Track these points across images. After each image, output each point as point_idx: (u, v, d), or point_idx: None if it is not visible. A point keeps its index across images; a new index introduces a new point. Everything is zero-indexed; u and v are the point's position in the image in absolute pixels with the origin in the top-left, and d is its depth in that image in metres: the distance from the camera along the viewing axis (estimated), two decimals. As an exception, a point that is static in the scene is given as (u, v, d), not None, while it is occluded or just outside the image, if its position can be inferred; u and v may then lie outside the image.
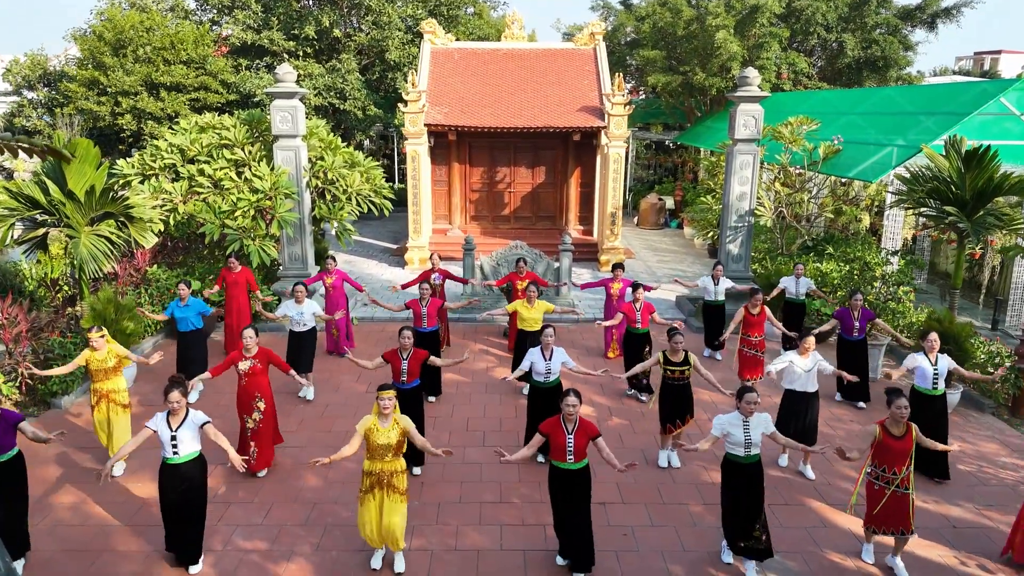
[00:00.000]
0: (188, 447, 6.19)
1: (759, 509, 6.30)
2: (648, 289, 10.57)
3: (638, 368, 8.59)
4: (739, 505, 6.29)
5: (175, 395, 6.11)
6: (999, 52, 57.92)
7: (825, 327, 10.23)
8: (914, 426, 6.37)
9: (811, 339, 8.06)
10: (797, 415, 8.12)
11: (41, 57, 30.36)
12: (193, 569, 6.35)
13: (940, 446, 6.58)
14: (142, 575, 6.32)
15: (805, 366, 8.01)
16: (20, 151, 6.46)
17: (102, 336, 7.86)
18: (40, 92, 29.19)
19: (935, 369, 8.02)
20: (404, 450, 6.29)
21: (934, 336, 8.06)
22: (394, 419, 6.18)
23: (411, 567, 6.46)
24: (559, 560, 6.48)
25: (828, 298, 11.86)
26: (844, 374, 8.31)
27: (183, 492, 6.20)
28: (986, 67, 55.68)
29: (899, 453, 6.28)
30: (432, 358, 8.08)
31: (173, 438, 6.11)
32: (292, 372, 8.12)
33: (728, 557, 6.59)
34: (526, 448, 6.34)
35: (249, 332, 7.87)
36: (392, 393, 6.16)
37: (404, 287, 12.36)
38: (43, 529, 6.91)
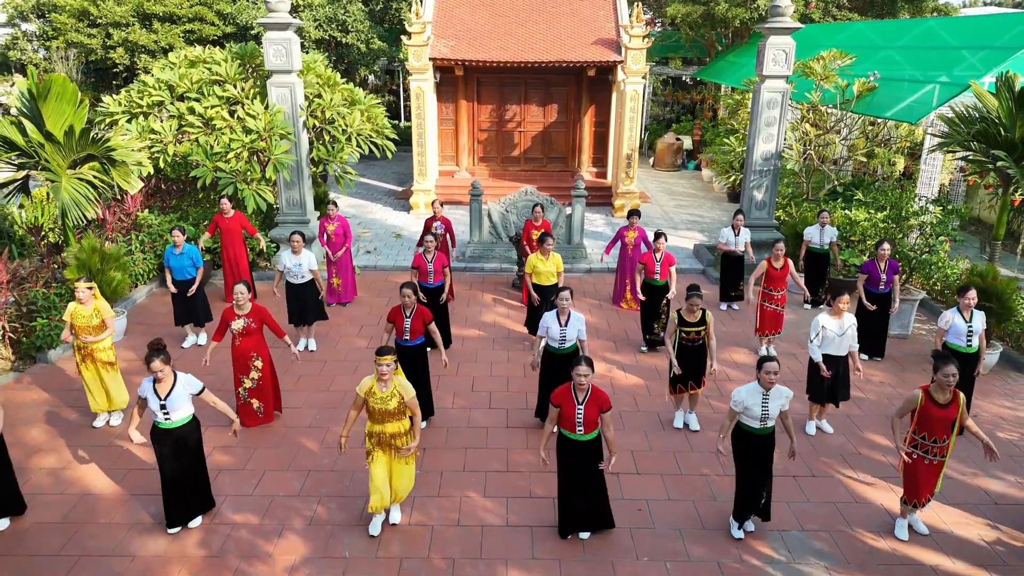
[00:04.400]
0: (180, 413, 5.88)
1: (767, 478, 6.05)
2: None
3: (669, 345, 7.59)
4: (751, 477, 6.00)
5: (156, 364, 5.71)
6: (1036, -19, 54.83)
7: (859, 286, 9.45)
8: (962, 395, 5.80)
9: (845, 297, 7.37)
10: (829, 379, 7.52)
11: (34, -14, 29.06)
12: (193, 523, 6.20)
13: (983, 437, 5.86)
14: (124, 548, 5.92)
15: (838, 329, 7.37)
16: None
17: (90, 288, 7.32)
18: (35, 24, 28.03)
19: (969, 326, 7.54)
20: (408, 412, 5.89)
21: (973, 294, 7.49)
22: (394, 384, 5.76)
23: (409, 546, 6.02)
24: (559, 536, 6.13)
25: (838, 262, 10.96)
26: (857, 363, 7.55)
27: (178, 456, 5.97)
28: (1021, -3, 52.85)
29: (942, 421, 5.77)
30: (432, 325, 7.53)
31: (163, 407, 5.80)
32: (286, 338, 7.57)
33: (738, 533, 6.16)
34: (548, 423, 5.92)
35: (241, 288, 7.34)
36: (390, 358, 5.68)
37: (419, 245, 11.48)
38: (24, 492, 6.49)
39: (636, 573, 5.78)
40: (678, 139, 23.19)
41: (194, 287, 9.36)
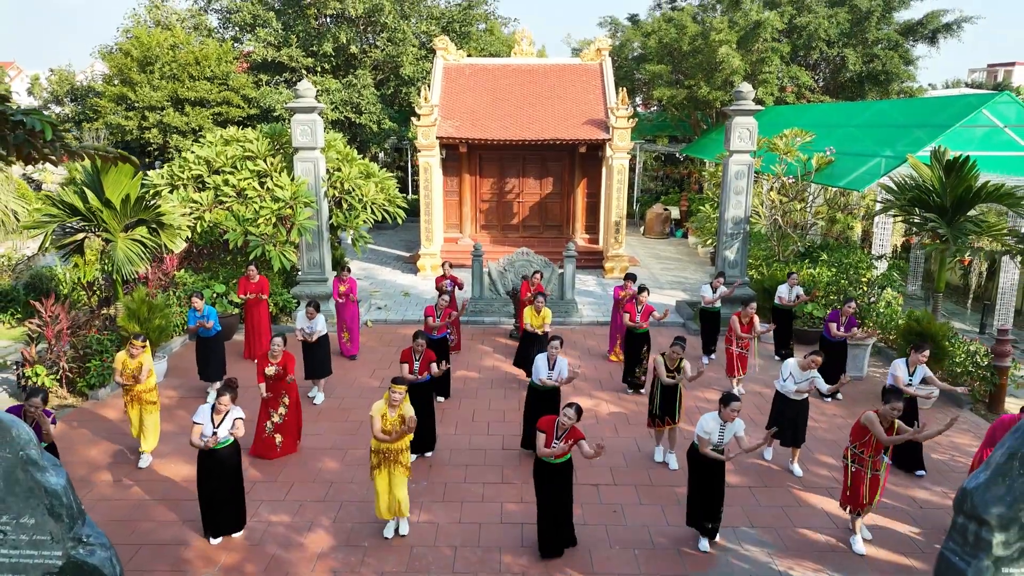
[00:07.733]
0: (224, 437, 6.91)
1: (718, 499, 6.87)
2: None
3: (662, 372, 8.49)
4: (706, 491, 6.85)
5: (225, 399, 6.86)
6: (1013, 64, 57.86)
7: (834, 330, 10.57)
8: (898, 423, 6.75)
9: (819, 359, 8.32)
10: (787, 417, 8.42)
11: (68, 73, 31.69)
12: (236, 535, 7.11)
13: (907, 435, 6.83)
14: (179, 538, 7.04)
15: (800, 377, 8.36)
16: (82, 157, 7.24)
17: (143, 346, 8.42)
18: (67, 107, 30.43)
19: (910, 378, 8.46)
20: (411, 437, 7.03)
21: (926, 354, 8.43)
22: (400, 410, 6.88)
23: (418, 537, 7.14)
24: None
25: (806, 298, 12.19)
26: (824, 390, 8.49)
27: (220, 475, 6.92)
28: (999, 79, 55.74)
29: (880, 441, 6.77)
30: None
31: (214, 433, 6.82)
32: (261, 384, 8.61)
33: (705, 546, 6.99)
34: (539, 450, 6.60)
35: (278, 341, 8.60)
36: (403, 388, 6.86)
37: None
38: (89, 499, 7.66)
39: (609, 558, 6.88)
40: (666, 209, 24.91)
41: (201, 326, 10.22)
